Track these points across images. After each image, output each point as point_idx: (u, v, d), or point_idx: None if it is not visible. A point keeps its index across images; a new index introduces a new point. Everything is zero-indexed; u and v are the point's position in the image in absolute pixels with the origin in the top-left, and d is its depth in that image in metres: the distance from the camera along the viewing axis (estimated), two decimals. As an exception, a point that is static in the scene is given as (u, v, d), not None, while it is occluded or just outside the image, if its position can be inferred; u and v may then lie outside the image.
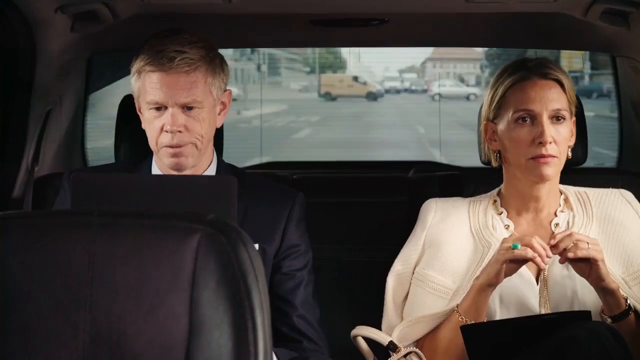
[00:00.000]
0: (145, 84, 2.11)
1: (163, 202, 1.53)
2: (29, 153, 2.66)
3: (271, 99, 10.66)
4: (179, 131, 2.09)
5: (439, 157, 8.49)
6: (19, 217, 1.49)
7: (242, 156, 6.30)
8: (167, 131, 2.10)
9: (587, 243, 2.02)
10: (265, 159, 8.05)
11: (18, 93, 2.58)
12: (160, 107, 2.11)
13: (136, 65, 2.12)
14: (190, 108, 2.10)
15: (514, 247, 2.01)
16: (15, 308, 1.36)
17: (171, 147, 2.11)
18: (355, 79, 12.69)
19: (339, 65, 13.00)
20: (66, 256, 1.37)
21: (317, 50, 11.39)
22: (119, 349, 1.34)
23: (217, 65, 2.15)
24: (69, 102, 2.91)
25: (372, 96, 13.35)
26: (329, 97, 11.20)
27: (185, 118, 2.10)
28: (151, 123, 2.13)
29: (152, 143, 2.15)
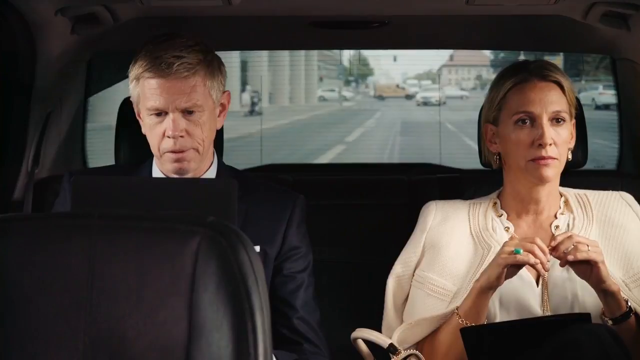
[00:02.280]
0: (144, 90, 2.11)
1: (163, 204, 1.53)
2: (29, 155, 2.66)
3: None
4: (181, 136, 2.09)
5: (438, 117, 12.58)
6: (19, 220, 1.49)
7: (362, 119, 13.37)
8: (169, 136, 2.10)
9: (587, 245, 2.02)
10: (379, 114, 15.21)
11: (18, 95, 2.58)
12: (160, 113, 2.11)
13: (134, 72, 2.12)
14: (190, 112, 2.10)
15: (516, 252, 2.01)
16: (15, 310, 1.36)
17: (174, 152, 2.11)
18: (397, 86, 18.81)
19: (368, 74, 18.39)
20: (66, 258, 1.37)
21: (355, 62, 15.42)
22: (118, 351, 1.34)
23: (215, 68, 2.15)
24: (69, 105, 2.91)
25: (409, 97, 19.40)
26: (381, 97, 17.61)
27: (186, 122, 2.10)
28: (152, 129, 2.13)
29: (154, 149, 2.15)
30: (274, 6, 2.53)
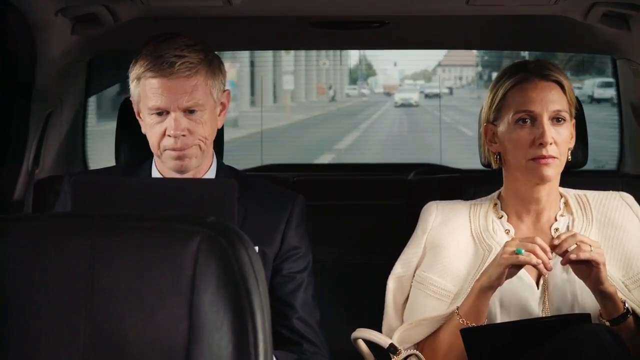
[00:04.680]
0: (145, 90, 2.11)
1: (163, 205, 1.53)
2: (30, 156, 2.66)
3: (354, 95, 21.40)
4: (183, 135, 2.10)
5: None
6: (19, 220, 1.49)
7: (374, 110, 18.59)
8: (170, 135, 2.10)
9: (590, 245, 2.02)
10: (390, 103, 19.44)
11: (18, 96, 2.58)
12: (162, 112, 2.11)
13: (135, 72, 2.12)
14: (192, 111, 2.10)
15: (518, 252, 2.00)
16: (15, 311, 1.36)
17: (175, 149, 2.11)
18: (400, 85, 22.77)
19: (372, 74, 22.85)
20: (66, 259, 1.37)
21: (364, 65, 21.08)
22: (119, 352, 1.34)
23: (216, 67, 2.16)
24: (69, 105, 2.91)
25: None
26: (388, 94, 21.51)
27: (188, 122, 2.10)
28: (153, 128, 2.12)
29: (154, 148, 2.15)
30: (274, 6, 2.54)
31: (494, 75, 2.38)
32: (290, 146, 12.14)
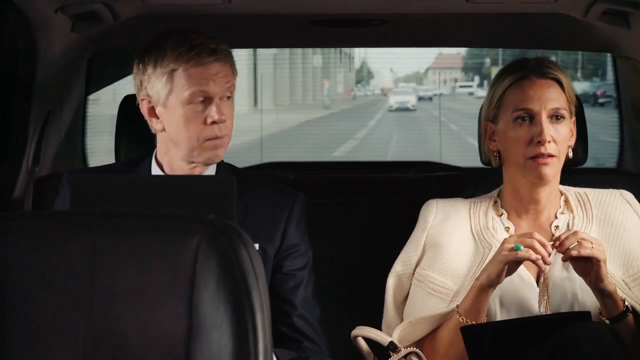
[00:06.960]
0: (182, 81, 2.07)
1: (163, 202, 1.53)
2: (30, 153, 2.66)
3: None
4: (224, 121, 2.11)
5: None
6: (19, 218, 1.49)
7: (383, 103, 21.12)
8: (215, 122, 2.08)
9: (591, 243, 2.02)
10: (390, 103, 20.67)
11: (18, 93, 2.58)
12: (203, 100, 2.10)
13: (164, 67, 2.08)
14: (228, 98, 2.13)
15: (517, 249, 2.00)
16: (15, 309, 1.36)
17: (217, 138, 2.10)
18: (395, 87, 24.57)
19: (371, 77, 25.00)
20: (66, 257, 1.37)
21: (365, 69, 22.89)
22: (119, 349, 1.34)
23: None
24: (69, 103, 2.91)
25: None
26: (387, 94, 22.64)
27: (225, 108, 2.12)
28: (193, 119, 2.09)
29: (192, 140, 2.10)
30: (274, 4, 2.53)
31: (477, 77, 2.40)
32: (353, 116, 18.24)
